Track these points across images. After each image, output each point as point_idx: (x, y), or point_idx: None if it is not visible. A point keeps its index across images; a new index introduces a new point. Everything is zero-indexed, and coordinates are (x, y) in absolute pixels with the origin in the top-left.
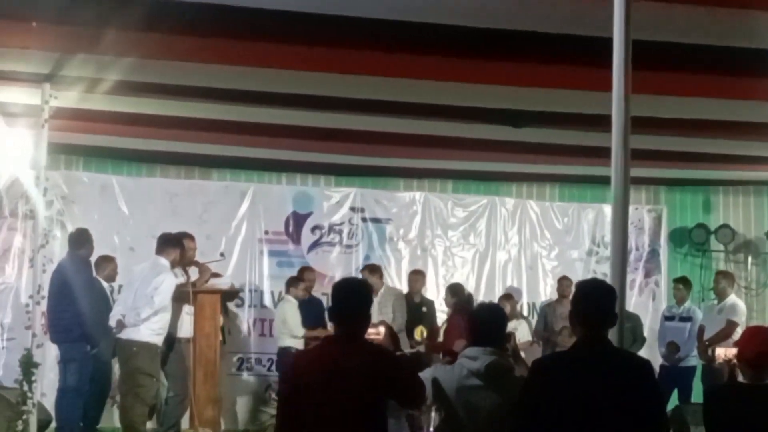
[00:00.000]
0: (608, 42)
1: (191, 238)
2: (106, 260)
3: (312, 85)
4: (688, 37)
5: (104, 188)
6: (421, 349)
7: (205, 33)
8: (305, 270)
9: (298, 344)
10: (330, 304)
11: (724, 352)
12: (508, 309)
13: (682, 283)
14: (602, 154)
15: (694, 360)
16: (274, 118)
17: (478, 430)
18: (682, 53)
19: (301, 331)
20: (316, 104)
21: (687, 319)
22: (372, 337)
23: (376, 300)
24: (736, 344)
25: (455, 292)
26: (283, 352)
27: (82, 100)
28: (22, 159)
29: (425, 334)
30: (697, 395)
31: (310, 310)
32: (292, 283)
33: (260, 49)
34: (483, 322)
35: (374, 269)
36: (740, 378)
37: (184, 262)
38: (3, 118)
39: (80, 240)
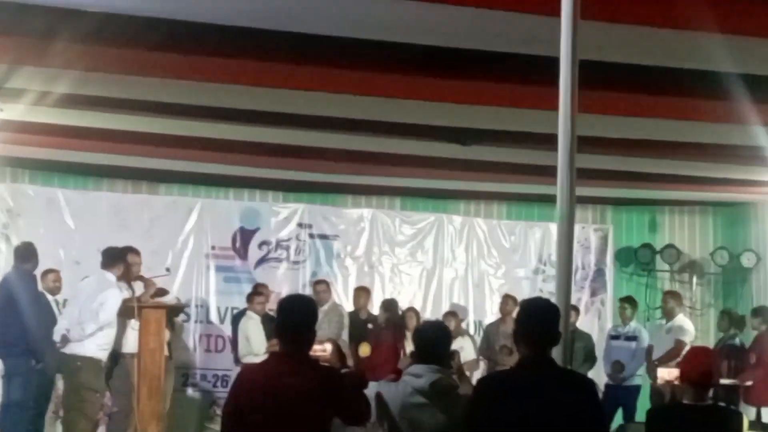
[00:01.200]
0: (555, 61)
1: (136, 252)
2: (50, 272)
3: (261, 100)
4: (634, 57)
5: (50, 201)
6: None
7: (153, 46)
8: (260, 285)
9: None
10: (276, 320)
11: (667, 373)
12: (453, 326)
13: (627, 302)
14: (549, 172)
15: (638, 379)
16: (222, 133)
17: None
18: (628, 73)
19: (262, 348)
20: (265, 120)
21: (632, 338)
22: (318, 354)
23: (321, 313)
24: (678, 365)
25: (387, 307)
26: None
27: (29, 112)
28: None
29: (369, 350)
30: (641, 414)
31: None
32: (249, 299)
33: (208, 64)
34: (428, 339)
35: (320, 282)
36: (684, 398)
37: (129, 276)
38: None
39: (26, 254)
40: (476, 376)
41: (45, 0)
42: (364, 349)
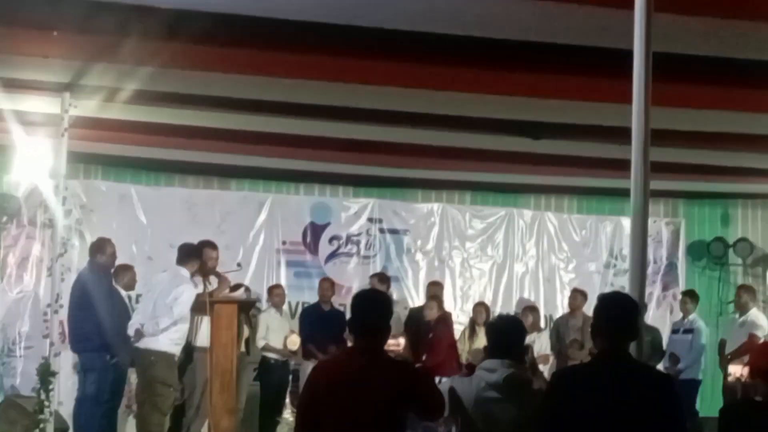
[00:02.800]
0: (629, 54)
1: (213, 247)
2: (125, 269)
3: (332, 95)
4: (708, 49)
5: (123, 197)
6: None
7: (226, 42)
8: (325, 279)
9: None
10: (350, 315)
11: (738, 369)
12: (530, 321)
13: (688, 296)
14: (621, 166)
15: (697, 373)
16: (294, 129)
17: None
18: (702, 65)
19: (279, 342)
20: (336, 115)
21: (689, 331)
22: (392, 348)
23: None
24: (748, 361)
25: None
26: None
27: (102, 109)
28: (41, 168)
29: None
30: (704, 409)
31: (331, 323)
32: (269, 291)
33: (280, 60)
34: (502, 333)
35: (383, 278)
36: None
37: (204, 271)
38: (23, 127)
39: (101, 249)
40: (547, 370)
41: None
42: None
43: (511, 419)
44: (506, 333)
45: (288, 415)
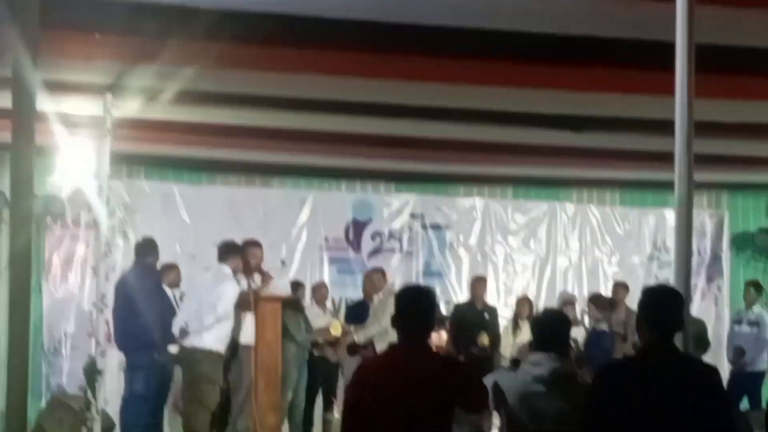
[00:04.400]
0: (671, 46)
1: (257, 244)
2: (170, 267)
3: (373, 92)
4: (751, 40)
5: (166, 197)
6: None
7: (267, 41)
8: (374, 270)
9: None
10: (394, 311)
11: None
12: (571, 315)
13: (753, 286)
14: (663, 158)
15: (763, 365)
16: (334, 126)
17: None
18: (744, 57)
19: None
20: (377, 111)
21: (755, 323)
22: (435, 342)
23: (375, 301)
24: None
25: None
26: None
27: (144, 109)
28: (85, 169)
29: (489, 340)
30: None
31: (358, 313)
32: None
33: (322, 57)
34: (547, 327)
35: (382, 272)
36: None
37: (248, 268)
38: (66, 128)
39: (147, 248)
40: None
41: (157, 2)
42: (483, 339)
43: (556, 413)
44: (551, 327)
45: (336, 413)
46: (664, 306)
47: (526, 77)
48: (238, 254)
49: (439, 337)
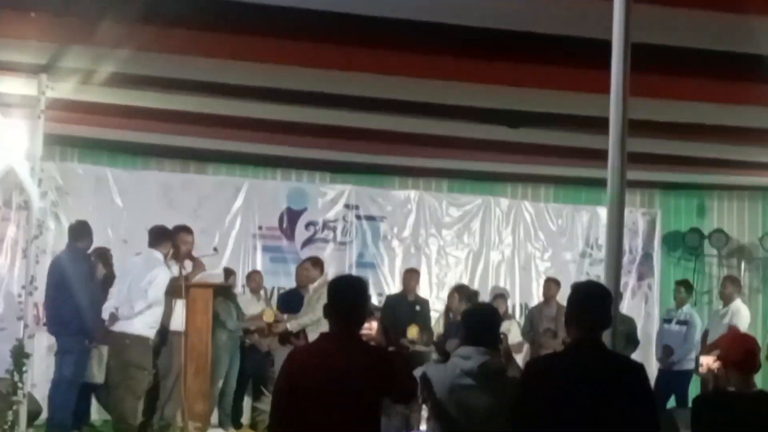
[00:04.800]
0: (607, 44)
1: (188, 230)
2: (100, 251)
3: (311, 81)
4: (687, 40)
5: (99, 180)
6: (418, 348)
7: (202, 26)
8: (310, 259)
9: None
10: (326, 300)
11: (710, 360)
12: (503, 309)
13: (683, 285)
14: (597, 155)
15: (690, 364)
16: (271, 114)
17: (471, 430)
18: (681, 56)
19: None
20: (314, 101)
21: (684, 322)
22: (365, 332)
23: (310, 291)
24: (721, 352)
25: (470, 298)
26: None
27: (79, 91)
28: (17, 149)
29: (418, 333)
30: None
31: (291, 301)
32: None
33: (258, 44)
34: (476, 321)
35: (317, 262)
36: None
37: (179, 255)
38: None
39: (80, 232)
40: (520, 359)
41: None
42: (412, 331)
43: (485, 407)
44: (481, 321)
45: (266, 402)
46: (592, 302)
47: (463, 71)
48: (170, 240)
49: (371, 327)
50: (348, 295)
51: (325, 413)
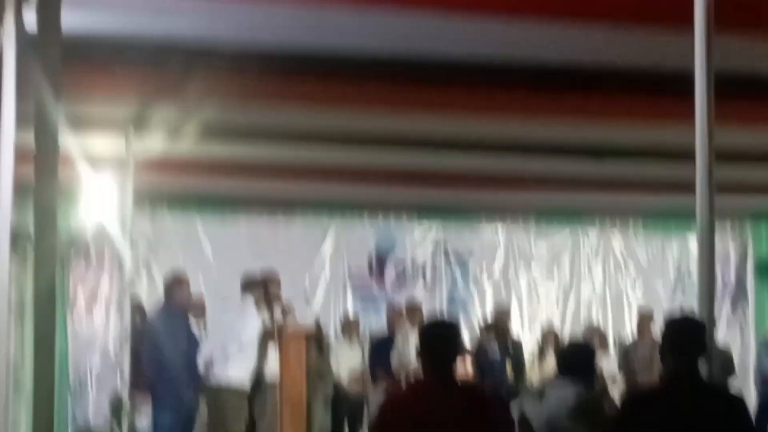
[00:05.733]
0: (690, 74)
1: (275, 275)
2: (194, 302)
3: (396, 123)
4: None
5: (189, 232)
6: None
7: (287, 73)
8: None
9: None
10: (420, 344)
11: None
12: (596, 343)
13: None
14: (685, 185)
15: None
16: (356, 159)
17: None
18: (765, 82)
19: None
20: (398, 143)
21: None
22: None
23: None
24: None
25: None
26: None
27: (167, 144)
28: (108, 205)
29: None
30: None
31: (386, 348)
32: None
33: (343, 90)
34: (572, 355)
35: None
36: None
37: (268, 300)
38: (89, 165)
39: (175, 284)
40: (615, 393)
41: (179, 40)
42: (511, 372)
43: None
44: (577, 355)
45: None
46: (686, 334)
47: (550, 107)
48: (260, 285)
49: (464, 366)
50: (442, 337)
51: None
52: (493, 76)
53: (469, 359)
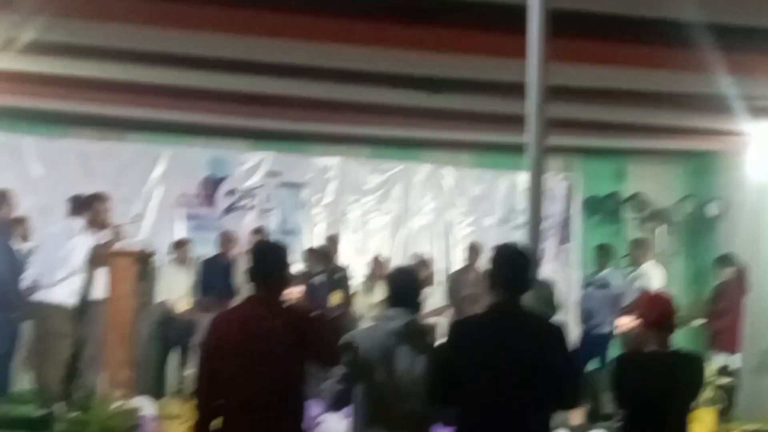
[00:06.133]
0: (524, 9)
1: (103, 198)
2: (19, 221)
3: (229, 47)
4: (604, 5)
5: (17, 149)
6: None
7: None
8: (225, 233)
9: None
10: (249, 264)
11: (627, 321)
12: (424, 275)
13: (603, 249)
14: (517, 121)
15: (609, 327)
16: (190, 81)
17: (398, 390)
18: (598, 22)
19: None
20: (234, 68)
21: (604, 285)
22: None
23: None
24: (640, 313)
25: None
26: None
27: None
28: None
29: (341, 299)
30: None
31: (216, 272)
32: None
33: (177, 10)
34: (400, 284)
35: (258, 231)
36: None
37: (97, 223)
38: None
39: (2, 201)
40: (442, 323)
41: None
42: (335, 298)
43: (412, 365)
44: (404, 283)
45: (190, 369)
46: (513, 265)
47: (382, 36)
48: (89, 208)
49: (292, 292)
50: (269, 260)
51: (249, 376)
52: (333, 2)
53: (297, 283)
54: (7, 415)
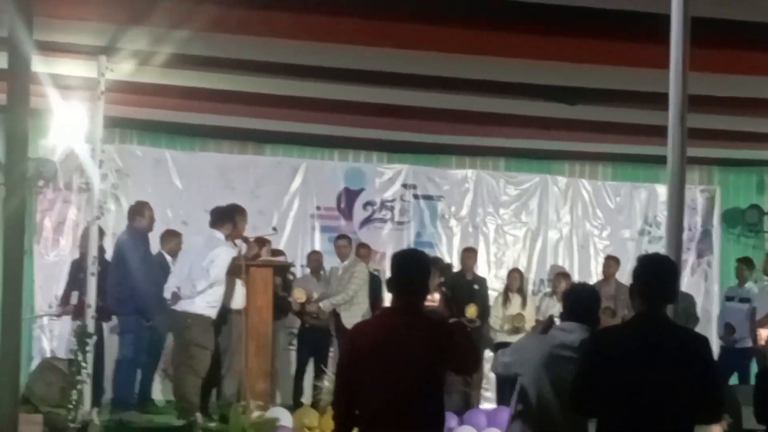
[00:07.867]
0: (666, 18)
1: (243, 210)
2: (172, 235)
3: (368, 60)
4: (746, 14)
5: (158, 162)
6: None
7: (262, 6)
8: (362, 245)
9: None
10: (389, 275)
11: (765, 333)
12: (562, 287)
13: (745, 263)
14: (656, 132)
15: (750, 341)
16: (328, 94)
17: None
18: (740, 31)
19: None
20: (371, 80)
21: (746, 300)
22: (428, 304)
23: (340, 269)
24: None
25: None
26: None
27: (138, 73)
28: (77, 132)
29: (477, 312)
30: None
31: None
32: None
33: (316, 23)
34: (580, 299)
35: (342, 237)
36: None
37: (237, 234)
38: (59, 91)
39: (139, 212)
40: None
41: None
42: (471, 311)
43: None
44: (584, 299)
45: (327, 380)
46: (658, 275)
47: (522, 48)
48: (231, 220)
49: (434, 300)
50: (411, 268)
51: (389, 385)
52: (470, 14)
53: (438, 292)
54: (147, 425)
